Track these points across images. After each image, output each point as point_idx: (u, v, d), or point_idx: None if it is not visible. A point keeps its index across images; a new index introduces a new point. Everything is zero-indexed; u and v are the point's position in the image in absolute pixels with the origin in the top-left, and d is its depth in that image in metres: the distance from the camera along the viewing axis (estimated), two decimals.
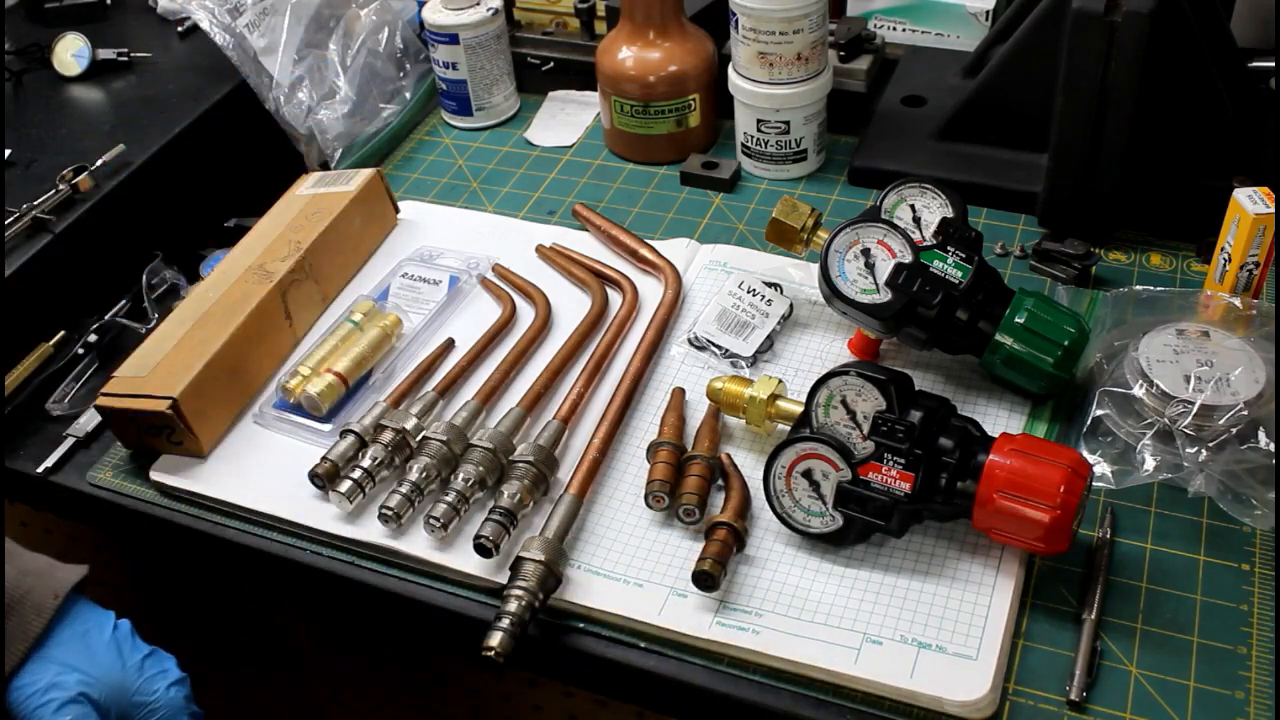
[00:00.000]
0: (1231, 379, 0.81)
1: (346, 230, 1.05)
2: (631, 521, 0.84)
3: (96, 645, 0.76)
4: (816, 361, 0.94)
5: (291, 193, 1.09)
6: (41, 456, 0.94)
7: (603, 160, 1.20)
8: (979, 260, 0.87)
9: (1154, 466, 0.80)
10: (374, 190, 1.09)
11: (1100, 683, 0.72)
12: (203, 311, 0.95)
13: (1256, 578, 0.77)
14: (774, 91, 1.09)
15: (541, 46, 1.34)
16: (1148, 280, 0.99)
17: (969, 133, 1.09)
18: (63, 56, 1.22)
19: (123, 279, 1.06)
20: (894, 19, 1.27)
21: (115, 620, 0.78)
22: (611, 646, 0.77)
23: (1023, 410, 0.88)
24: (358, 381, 0.95)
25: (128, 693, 0.75)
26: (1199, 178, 1.00)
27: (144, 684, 0.76)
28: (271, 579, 0.89)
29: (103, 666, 0.75)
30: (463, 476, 0.83)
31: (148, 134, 1.12)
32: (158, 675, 0.76)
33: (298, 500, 0.87)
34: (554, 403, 0.92)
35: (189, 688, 0.78)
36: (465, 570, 0.81)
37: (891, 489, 0.76)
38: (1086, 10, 0.90)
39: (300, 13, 1.19)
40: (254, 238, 1.03)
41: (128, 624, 0.79)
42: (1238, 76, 1.02)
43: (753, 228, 1.09)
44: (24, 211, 1.01)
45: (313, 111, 1.19)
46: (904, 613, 0.76)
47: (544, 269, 1.06)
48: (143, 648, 0.77)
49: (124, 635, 0.77)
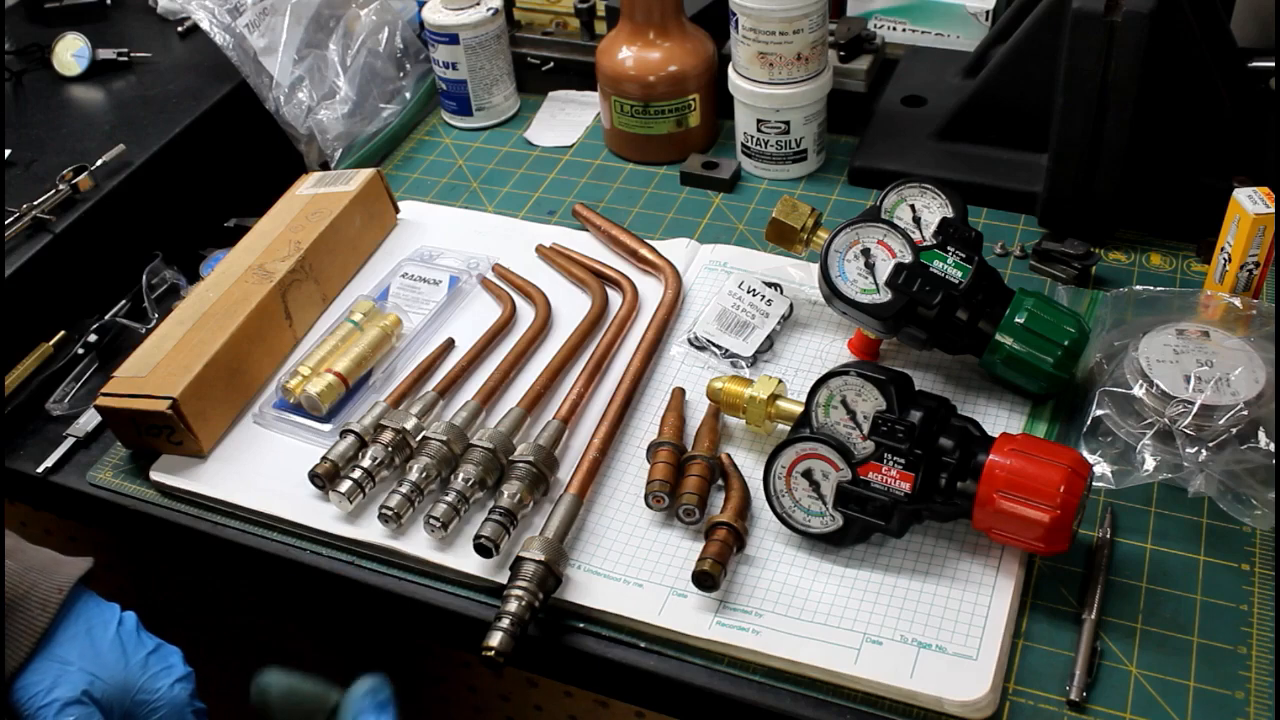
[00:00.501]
0: (1231, 379, 0.81)
1: (346, 230, 1.05)
2: (631, 521, 0.84)
3: (101, 641, 0.76)
4: (816, 361, 0.94)
5: (291, 193, 1.09)
6: (41, 456, 0.94)
7: (603, 160, 1.20)
8: (979, 260, 0.87)
9: (1154, 466, 0.80)
10: (374, 190, 1.09)
11: (1100, 683, 0.72)
12: (203, 311, 0.95)
13: (1256, 578, 0.77)
14: (774, 91, 1.09)
15: (541, 46, 1.34)
16: (1148, 280, 0.99)
17: (969, 133, 1.09)
18: (63, 56, 1.22)
19: (123, 279, 1.06)
20: (894, 19, 1.27)
21: (120, 614, 0.78)
22: (611, 646, 0.77)
23: (1023, 410, 0.88)
24: (358, 381, 0.95)
25: (131, 690, 0.75)
26: (1199, 178, 1.00)
27: (148, 681, 0.76)
28: (271, 579, 0.89)
29: (107, 664, 0.75)
30: (463, 476, 0.83)
31: (148, 134, 1.12)
32: (162, 672, 0.76)
33: (298, 500, 0.87)
34: (554, 403, 0.92)
35: (194, 683, 0.78)
36: (465, 570, 0.81)
37: (891, 489, 0.76)
38: (1086, 10, 0.90)
39: (300, 13, 1.19)
40: (254, 238, 1.03)
41: (133, 617, 0.78)
42: (1238, 76, 1.02)
43: (753, 228, 1.09)
44: (24, 211, 1.01)
45: (313, 111, 1.19)
46: (904, 613, 0.76)
47: (544, 269, 1.06)
48: (148, 643, 0.77)
49: (129, 631, 0.77)
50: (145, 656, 0.76)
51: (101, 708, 0.73)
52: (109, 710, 0.74)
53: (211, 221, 1.14)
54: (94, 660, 0.74)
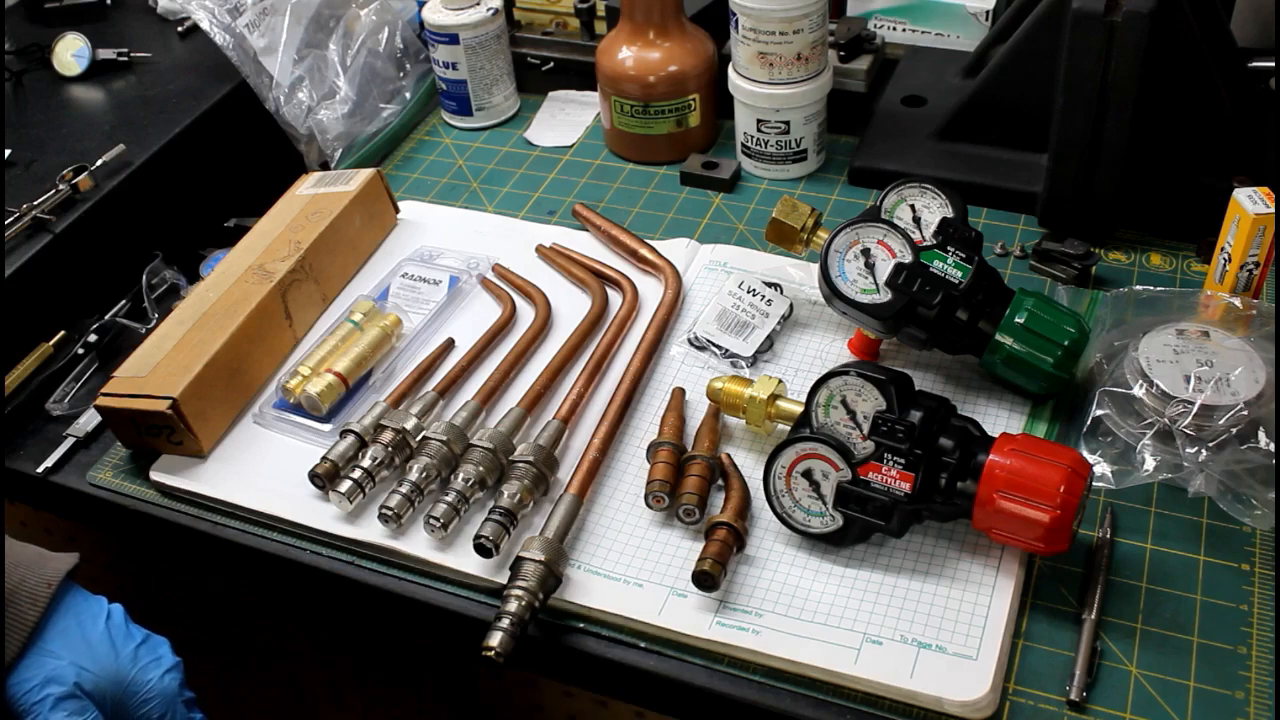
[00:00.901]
0: (1231, 379, 0.81)
1: (346, 230, 1.05)
2: (631, 521, 0.84)
3: (91, 634, 0.76)
4: (816, 361, 0.94)
5: (292, 193, 1.09)
6: (41, 456, 0.94)
7: (603, 160, 1.20)
8: (979, 260, 0.87)
9: (1154, 466, 0.80)
10: (374, 190, 1.09)
11: (1100, 683, 0.72)
12: (203, 311, 0.95)
13: (1256, 578, 0.77)
14: (774, 91, 1.09)
15: (541, 46, 1.34)
16: (1148, 280, 0.99)
17: (969, 133, 1.09)
18: (63, 56, 1.22)
19: (123, 279, 1.06)
20: (894, 19, 1.27)
21: (108, 607, 0.78)
22: (611, 646, 0.77)
23: (1023, 410, 0.88)
24: (358, 381, 0.95)
25: (122, 682, 0.75)
26: (1199, 178, 1.00)
27: (138, 673, 0.76)
28: (271, 579, 0.89)
29: (97, 657, 0.75)
30: (463, 476, 0.83)
31: (148, 134, 1.12)
32: (151, 663, 0.76)
33: (298, 500, 0.87)
34: (554, 403, 0.92)
35: (182, 673, 0.78)
36: (465, 570, 0.81)
37: (891, 489, 0.76)
38: (1086, 10, 0.90)
39: (300, 13, 1.19)
40: (254, 237, 1.04)
41: (121, 610, 0.78)
42: (1238, 76, 1.02)
43: (753, 228, 1.09)
44: (24, 211, 1.01)
45: (313, 111, 1.19)
46: (904, 613, 0.76)
47: (544, 269, 1.06)
48: (136, 635, 0.77)
49: (117, 624, 0.77)
50: (135, 648, 0.76)
51: (94, 700, 0.73)
52: (101, 702, 0.74)
53: (211, 221, 1.14)
54: (84, 653, 0.75)
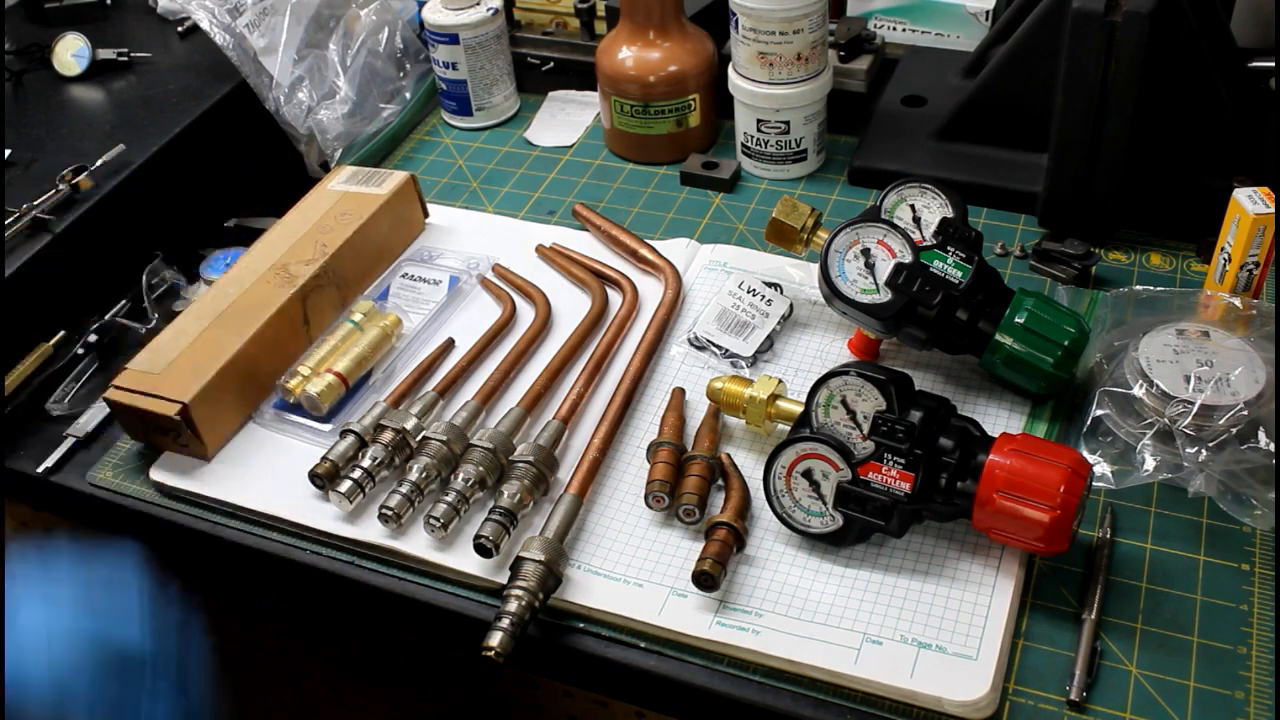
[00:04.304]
0: (1231, 379, 0.81)
1: (374, 236, 1.04)
2: (631, 521, 0.84)
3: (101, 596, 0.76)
4: (816, 361, 0.94)
5: (323, 186, 1.08)
6: (41, 456, 0.94)
7: (603, 160, 1.20)
8: (979, 260, 0.87)
9: (1154, 466, 0.80)
10: (405, 195, 1.07)
11: (1100, 683, 0.72)
12: (222, 309, 0.94)
13: (1256, 578, 0.77)
14: (774, 91, 1.09)
15: (541, 46, 1.34)
16: (1148, 280, 0.99)
17: (969, 133, 1.09)
18: (63, 56, 1.22)
19: (123, 279, 1.06)
20: (894, 19, 1.27)
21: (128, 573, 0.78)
22: (611, 646, 0.77)
23: (1023, 410, 0.88)
24: (358, 381, 0.95)
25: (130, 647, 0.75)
26: (1199, 178, 1.00)
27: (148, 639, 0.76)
28: (271, 579, 0.89)
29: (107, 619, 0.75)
30: (463, 476, 0.83)
31: (148, 134, 1.12)
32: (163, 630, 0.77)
33: (297, 500, 0.87)
34: (554, 403, 0.92)
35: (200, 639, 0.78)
36: (465, 570, 0.81)
37: (891, 489, 0.76)
38: (1086, 10, 0.90)
39: (300, 13, 1.19)
40: (281, 231, 1.02)
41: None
42: (1238, 76, 1.02)
43: (753, 228, 1.09)
44: (24, 211, 1.01)
45: (313, 111, 1.19)
46: (904, 613, 0.76)
47: (544, 269, 1.06)
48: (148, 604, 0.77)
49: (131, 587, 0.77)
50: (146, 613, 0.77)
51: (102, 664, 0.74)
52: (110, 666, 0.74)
53: (211, 221, 1.14)
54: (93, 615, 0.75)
